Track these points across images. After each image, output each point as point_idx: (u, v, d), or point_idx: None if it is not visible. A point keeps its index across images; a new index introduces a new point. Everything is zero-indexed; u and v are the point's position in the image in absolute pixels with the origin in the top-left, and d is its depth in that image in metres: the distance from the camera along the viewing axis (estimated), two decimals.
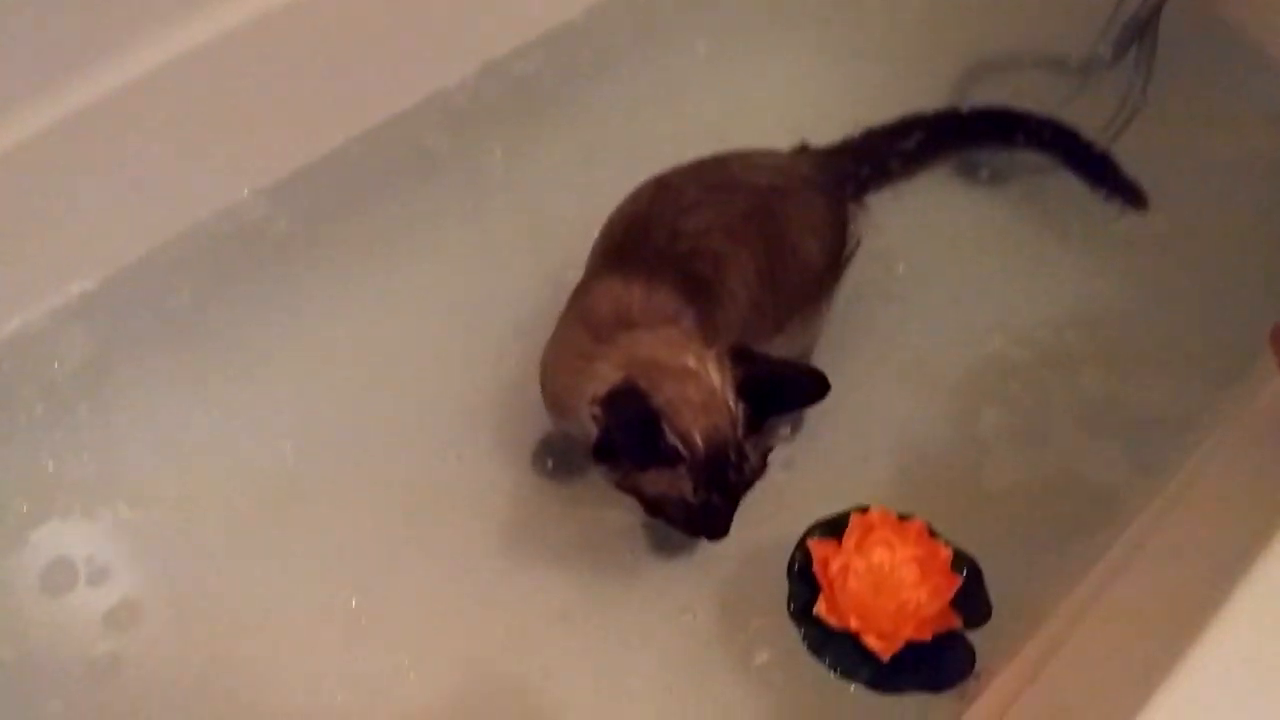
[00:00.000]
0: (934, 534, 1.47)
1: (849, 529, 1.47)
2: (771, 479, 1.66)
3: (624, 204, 1.61)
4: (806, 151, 1.79)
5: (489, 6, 2.09)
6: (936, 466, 1.77)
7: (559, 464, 1.75)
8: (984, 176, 2.03)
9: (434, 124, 2.09)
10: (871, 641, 1.40)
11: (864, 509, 1.49)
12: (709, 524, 1.38)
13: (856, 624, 1.41)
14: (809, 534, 1.50)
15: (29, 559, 1.68)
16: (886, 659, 1.40)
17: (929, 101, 1.96)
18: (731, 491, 1.33)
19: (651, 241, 1.50)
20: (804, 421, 1.78)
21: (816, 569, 1.45)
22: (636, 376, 1.31)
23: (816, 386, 1.31)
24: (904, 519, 1.48)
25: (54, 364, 1.82)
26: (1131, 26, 2.08)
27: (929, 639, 1.41)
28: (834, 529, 1.49)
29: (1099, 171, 1.89)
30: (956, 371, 1.86)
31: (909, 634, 1.40)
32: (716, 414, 1.30)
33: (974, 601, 1.44)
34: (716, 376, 1.31)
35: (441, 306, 1.93)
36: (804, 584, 1.47)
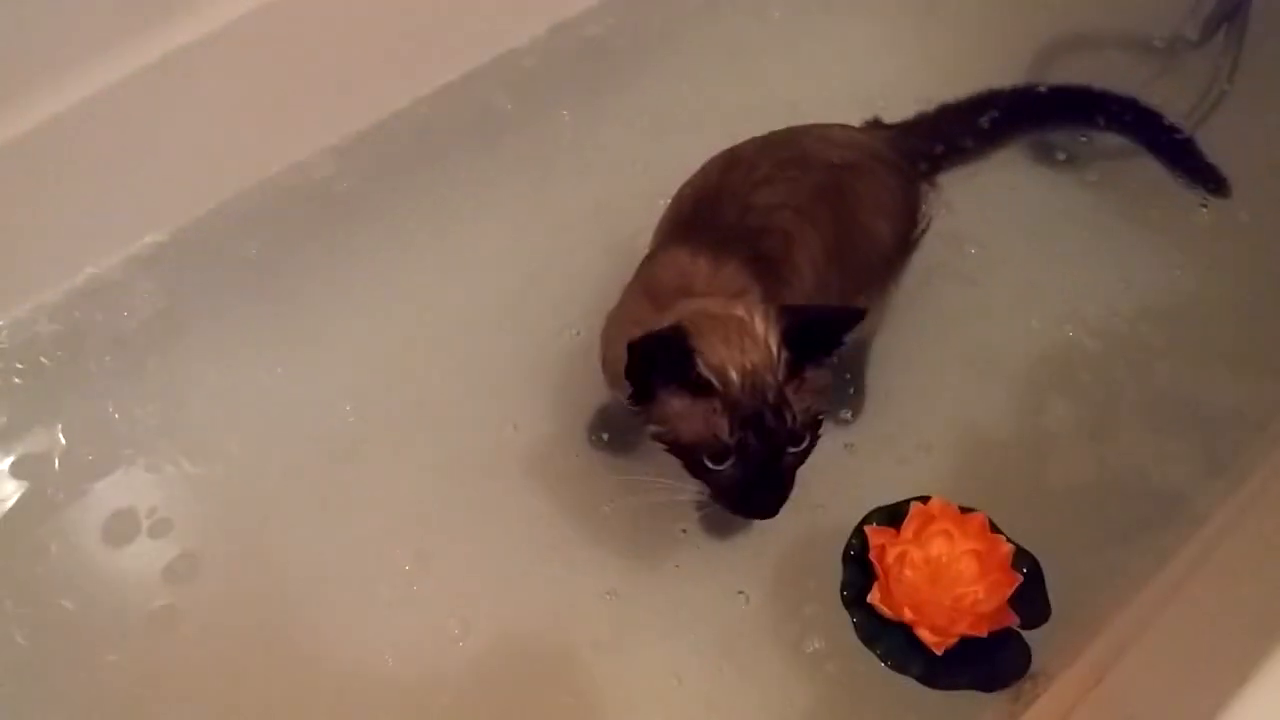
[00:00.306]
0: (995, 529, 1.45)
1: (908, 518, 1.45)
2: (830, 462, 1.67)
3: (694, 177, 1.59)
4: (880, 127, 1.76)
5: None
6: (1000, 458, 1.74)
7: (615, 437, 1.74)
8: (1060, 159, 1.99)
9: (502, 85, 2.08)
10: (925, 635, 1.39)
11: (924, 498, 1.47)
12: (755, 497, 1.33)
13: (911, 615, 1.39)
14: (866, 520, 1.48)
15: (92, 509, 1.71)
16: (940, 653, 1.39)
17: (1005, 78, 1.91)
18: (771, 437, 1.29)
19: (721, 216, 1.48)
20: (864, 404, 1.76)
21: (872, 556, 1.44)
22: (684, 323, 1.31)
23: (850, 315, 1.30)
24: (965, 511, 1.45)
25: (124, 314, 1.85)
26: (1221, 8, 2.02)
27: (984, 636, 1.38)
28: (892, 517, 1.47)
29: (1181, 157, 1.84)
30: (1025, 360, 1.82)
31: (964, 629, 1.38)
32: (755, 354, 1.28)
33: (1033, 601, 1.42)
34: (761, 325, 1.30)
35: (503, 272, 1.92)
36: (859, 571, 1.46)
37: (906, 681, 1.40)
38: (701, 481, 1.35)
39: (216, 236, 1.91)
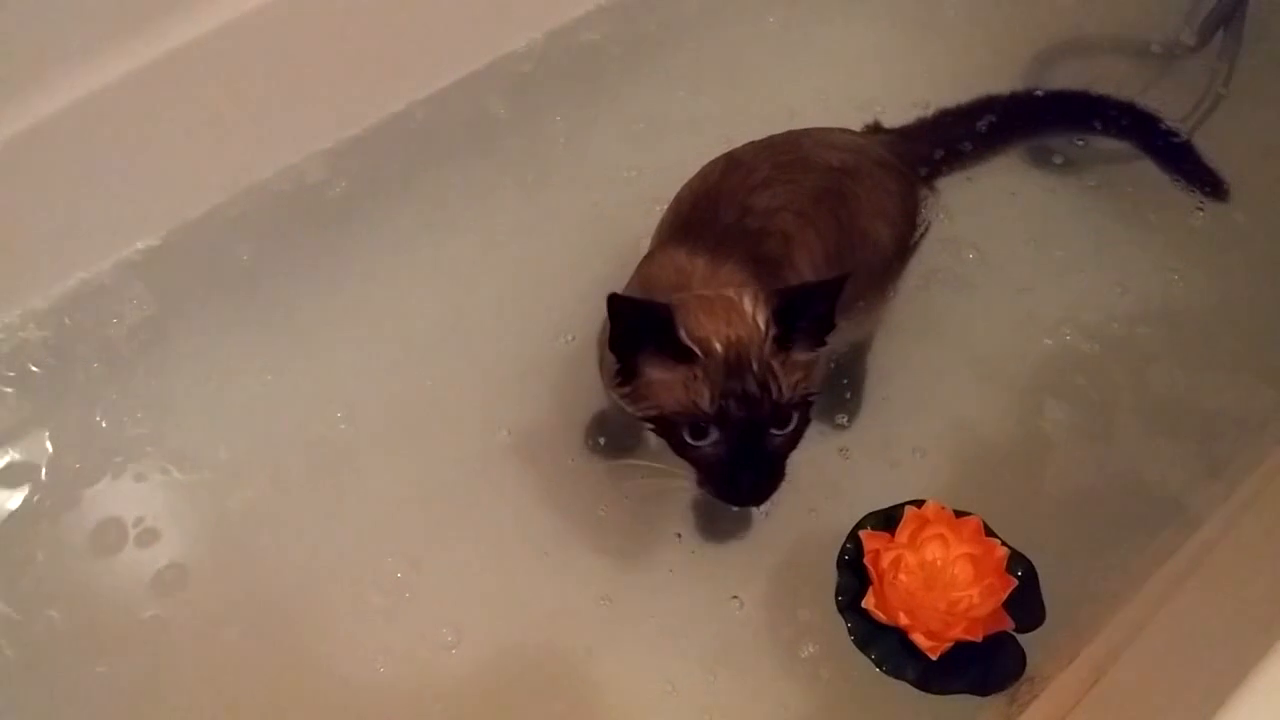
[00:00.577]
0: (990, 532, 1.44)
1: (902, 522, 1.44)
2: (825, 467, 1.67)
3: (693, 179, 1.59)
4: (879, 131, 1.76)
5: None
6: (996, 462, 1.73)
7: (611, 442, 1.73)
8: (1058, 163, 1.98)
9: (498, 90, 2.07)
10: (920, 639, 1.37)
11: (919, 503, 1.45)
12: (741, 480, 1.30)
13: (905, 620, 1.38)
14: (861, 525, 1.47)
15: (79, 518, 1.69)
16: (935, 658, 1.37)
17: (1003, 83, 1.91)
18: (754, 408, 1.27)
19: (720, 218, 1.48)
20: (861, 408, 1.75)
21: (867, 561, 1.42)
22: (671, 302, 1.31)
23: (834, 282, 1.27)
24: (960, 515, 1.44)
25: (113, 321, 1.83)
26: (1218, 12, 2.02)
27: (979, 640, 1.37)
28: (887, 521, 1.46)
29: (1179, 161, 1.83)
30: (1022, 364, 1.81)
31: (959, 634, 1.37)
32: (740, 327, 1.28)
33: (1027, 605, 1.41)
34: (750, 304, 1.29)
35: (497, 278, 1.91)
36: (853, 576, 1.44)
37: (901, 686, 1.38)
38: (688, 463, 1.34)
39: (208, 241, 1.89)
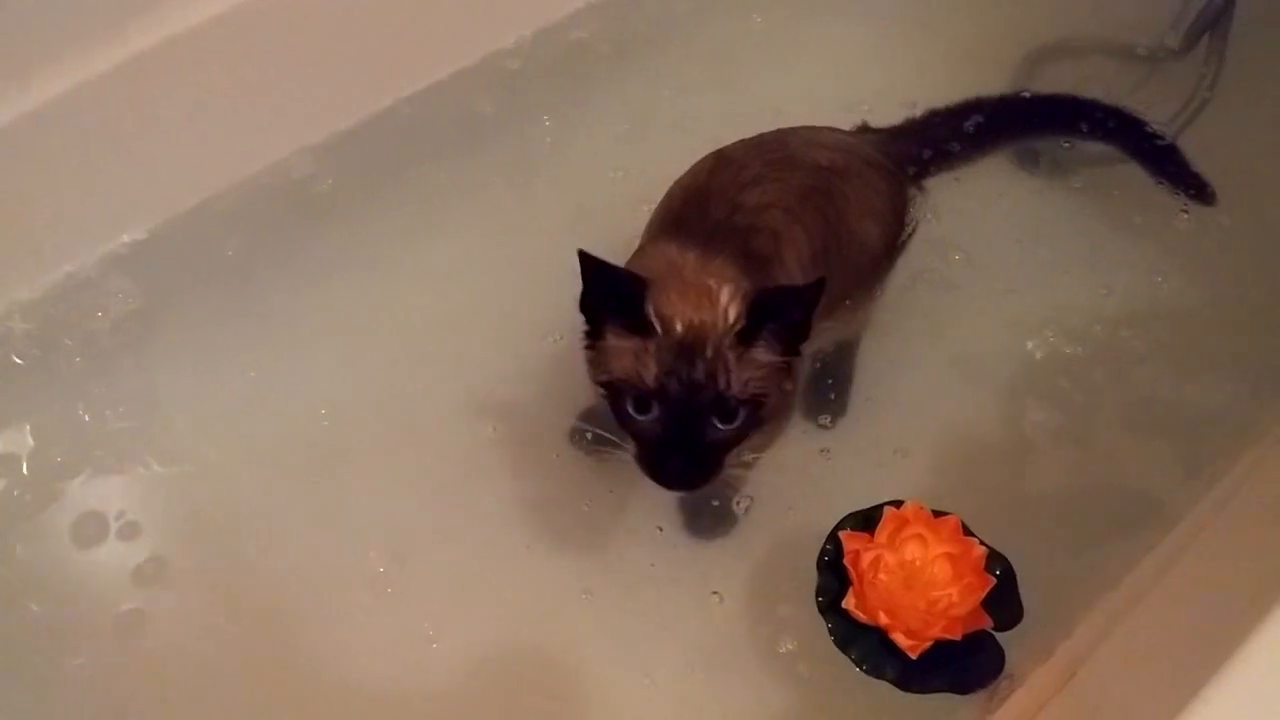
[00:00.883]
0: (968, 532, 1.44)
1: (882, 523, 1.44)
2: (805, 467, 1.67)
3: (683, 176, 1.59)
4: (868, 131, 1.77)
5: None
6: (977, 463, 1.73)
7: (597, 439, 1.72)
8: (1045, 165, 1.99)
9: (486, 88, 2.07)
10: (900, 639, 1.37)
11: (898, 503, 1.46)
12: (671, 461, 1.32)
13: (885, 620, 1.38)
14: (841, 526, 1.47)
15: (61, 511, 1.69)
16: (915, 657, 1.37)
17: (990, 86, 1.93)
18: (695, 392, 1.28)
19: (710, 214, 1.48)
20: (846, 409, 1.75)
21: (847, 562, 1.42)
22: (648, 277, 1.33)
23: (811, 289, 1.27)
24: (938, 515, 1.44)
25: (97, 314, 1.83)
26: (1204, 16, 2.02)
27: (959, 639, 1.37)
28: (866, 522, 1.46)
29: (1164, 164, 1.84)
30: (1006, 366, 1.81)
31: (938, 633, 1.37)
32: (707, 313, 1.30)
33: (1006, 603, 1.41)
34: (726, 295, 1.31)
35: (483, 276, 1.91)
36: (834, 576, 1.45)
37: (880, 682, 1.39)
38: (628, 435, 1.36)
39: (194, 236, 1.89)
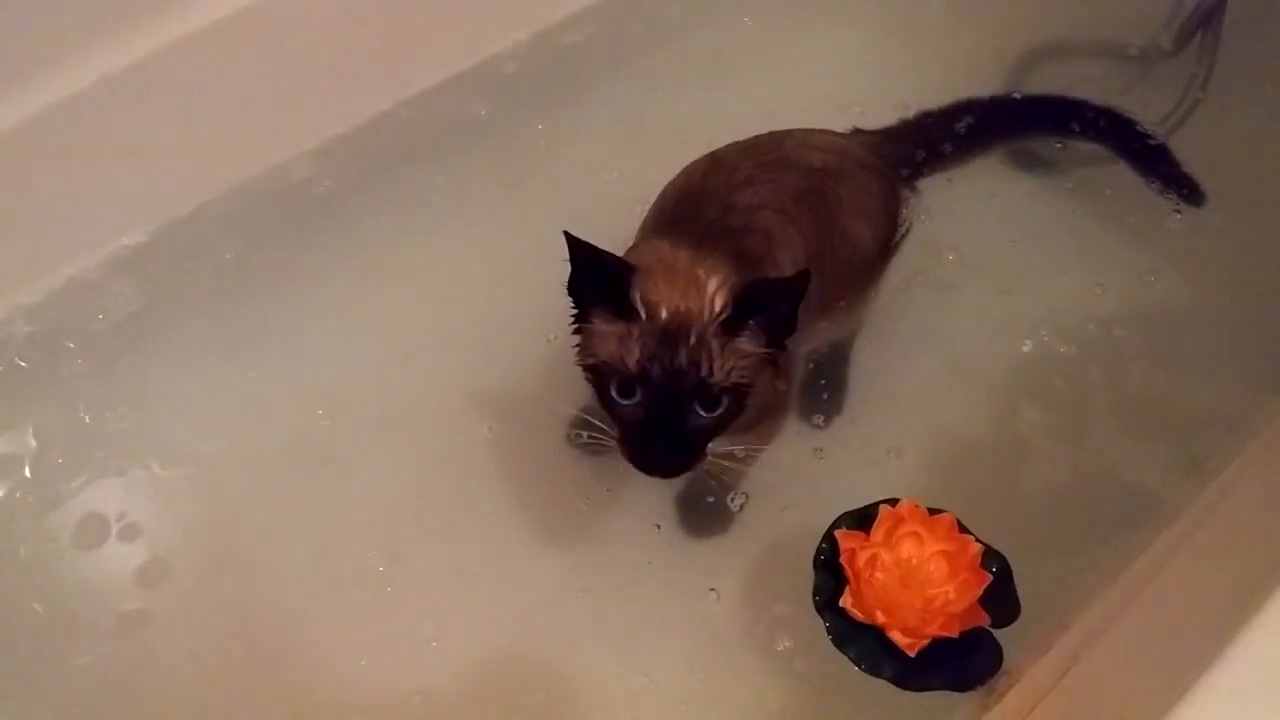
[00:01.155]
0: (964, 530, 1.44)
1: (877, 521, 1.43)
2: (799, 466, 1.68)
3: (677, 177, 1.60)
4: (861, 133, 1.77)
5: None
6: (972, 462, 1.74)
7: (594, 438, 1.73)
8: (1037, 166, 2.00)
9: (482, 91, 2.08)
10: (897, 636, 1.37)
11: (893, 501, 1.46)
12: (651, 446, 1.33)
13: (882, 618, 1.38)
14: (836, 524, 1.47)
15: (62, 513, 1.69)
16: (913, 655, 1.37)
17: (982, 87, 1.94)
18: (677, 378, 1.29)
19: (703, 215, 1.48)
20: (841, 409, 1.76)
21: (843, 560, 1.42)
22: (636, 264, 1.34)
23: (797, 280, 1.28)
24: (934, 513, 1.44)
25: (98, 316, 1.84)
26: (1195, 17, 2.03)
27: (957, 636, 1.37)
28: (862, 520, 1.46)
29: (1155, 165, 1.85)
30: (1000, 365, 1.82)
31: (936, 630, 1.37)
32: (693, 300, 1.30)
33: (1002, 600, 1.41)
34: (713, 284, 1.32)
35: (480, 277, 1.92)
36: (830, 575, 1.44)
37: (875, 679, 1.39)
38: (610, 418, 1.37)
39: (194, 239, 1.90)
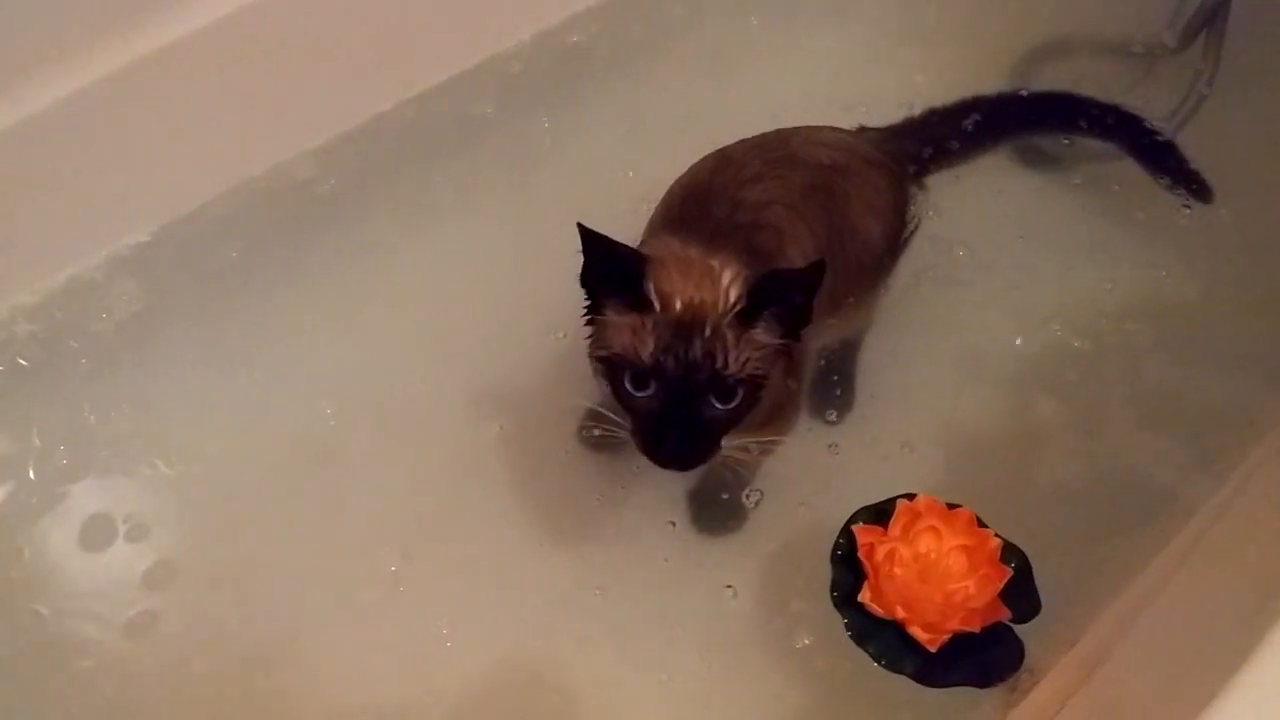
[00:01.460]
0: (982, 524, 1.43)
1: (895, 515, 1.43)
2: (814, 462, 1.67)
3: (683, 175, 1.59)
4: (868, 131, 1.77)
5: None
6: (987, 457, 1.74)
7: (605, 435, 1.72)
8: (1045, 162, 1.99)
9: (486, 90, 2.07)
10: (918, 632, 1.36)
11: (910, 496, 1.45)
12: (667, 439, 1.31)
13: (903, 613, 1.37)
14: (853, 519, 1.46)
15: (68, 514, 1.68)
16: (933, 650, 1.36)
17: (989, 84, 1.94)
18: (692, 370, 1.28)
19: (711, 212, 1.47)
20: (853, 404, 1.75)
21: (861, 555, 1.41)
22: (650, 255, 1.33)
23: (813, 270, 1.27)
24: (951, 508, 1.43)
25: (102, 315, 1.82)
26: (1200, 13, 2.03)
27: (978, 631, 1.36)
28: (879, 515, 1.45)
29: (1162, 161, 1.85)
30: (1012, 360, 1.82)
31: (956, 625, 1.36)
32: (707, 292, 1.29)
33: (1022, 596, 1.40)
34: (728, 276, 1.31)
35: (486, 276, 1.91)
36: (848, 571, 1.43)
37: (896, 676, 1.38)
38: (624, 411, 1.36)
39: (198, 237, 1.88)
